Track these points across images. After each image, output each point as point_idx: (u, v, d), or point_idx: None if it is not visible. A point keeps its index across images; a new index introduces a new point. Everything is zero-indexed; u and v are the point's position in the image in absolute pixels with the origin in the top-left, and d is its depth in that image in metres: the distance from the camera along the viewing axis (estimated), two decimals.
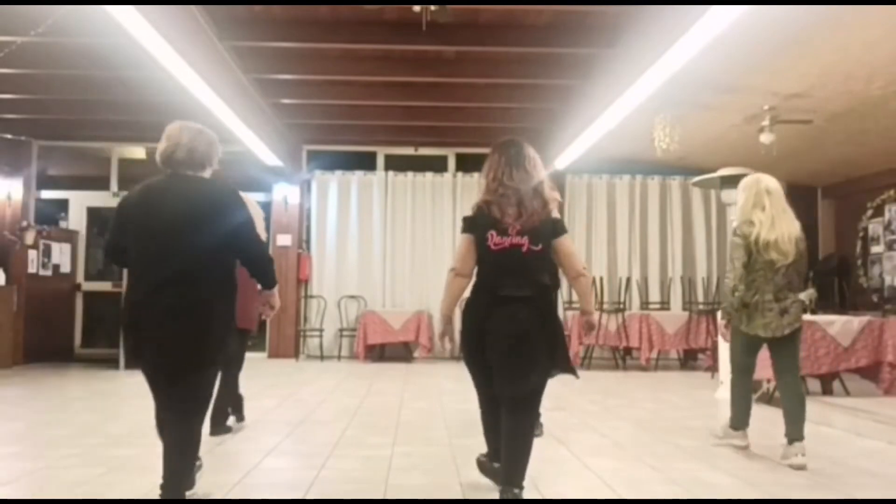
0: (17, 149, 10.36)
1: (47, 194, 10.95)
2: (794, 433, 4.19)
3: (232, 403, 5.10)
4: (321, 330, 10.88)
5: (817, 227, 11.40)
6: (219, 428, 4.89)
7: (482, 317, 3.26)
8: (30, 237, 9.73)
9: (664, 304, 10.85)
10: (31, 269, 9.82)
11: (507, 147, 3.40)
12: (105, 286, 10.62)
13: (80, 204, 11.02)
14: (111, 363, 9.34)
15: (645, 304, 10.81)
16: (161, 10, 5.36)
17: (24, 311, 9.63)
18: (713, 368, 8.06)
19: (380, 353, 10.72)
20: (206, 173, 3.32)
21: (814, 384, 6.64)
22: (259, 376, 6.49)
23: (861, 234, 10.55)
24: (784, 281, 4.31)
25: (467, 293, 3.39)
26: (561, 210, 5.69)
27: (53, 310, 10.28)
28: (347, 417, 5.74)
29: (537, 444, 4.72)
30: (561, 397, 7.11)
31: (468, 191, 10.98)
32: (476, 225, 3.31)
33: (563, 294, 10.92)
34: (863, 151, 9.17)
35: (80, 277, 10.88)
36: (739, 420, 4.61)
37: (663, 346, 9.79)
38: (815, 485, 3.77)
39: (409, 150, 11.36)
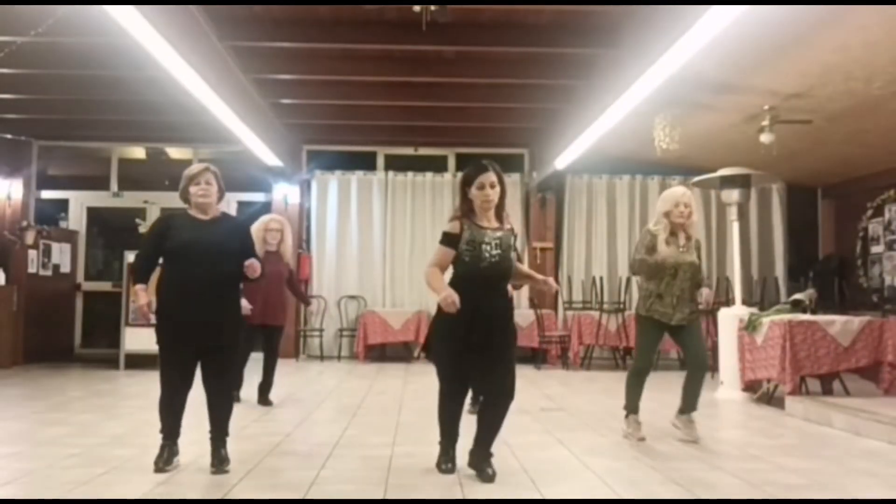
0: (17, 149, 10.36)
1: (47, 194, 10.96)
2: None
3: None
4: (321, 330, 10.88)
5: (817, 227, 11.40)
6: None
7: None
8: (30, 237, 9.72)
9: None
10: (31, 269, 9.82)
11: None
12: (105, 286, 10.64)
13: (80, 204, 11.03)
14: (111, 363, 9.33)
15: None
16: (161, 10, 5.35)
17: (24, 311, 9.62)
18: (713, 368, 8.04)
19: (380, 353, 10.72)
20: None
21: (814, 384, 6.64)
22: (259, 376, 6.49)
23: (861, 234, 10.53)
24: None
25: None
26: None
27: (53, 310, 10.27)
28: (347, 417, 5.74)
29: (538, 443, 4.73)
30: (561, 397, 7.11)
31: None
32: None
33: (562, 294, 10.94)
34: (863, 151, 9.16)
35: (80, 277, 10.88)
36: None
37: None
38: (815, 485, 3.77)
39: (409, 150, 11.36)
